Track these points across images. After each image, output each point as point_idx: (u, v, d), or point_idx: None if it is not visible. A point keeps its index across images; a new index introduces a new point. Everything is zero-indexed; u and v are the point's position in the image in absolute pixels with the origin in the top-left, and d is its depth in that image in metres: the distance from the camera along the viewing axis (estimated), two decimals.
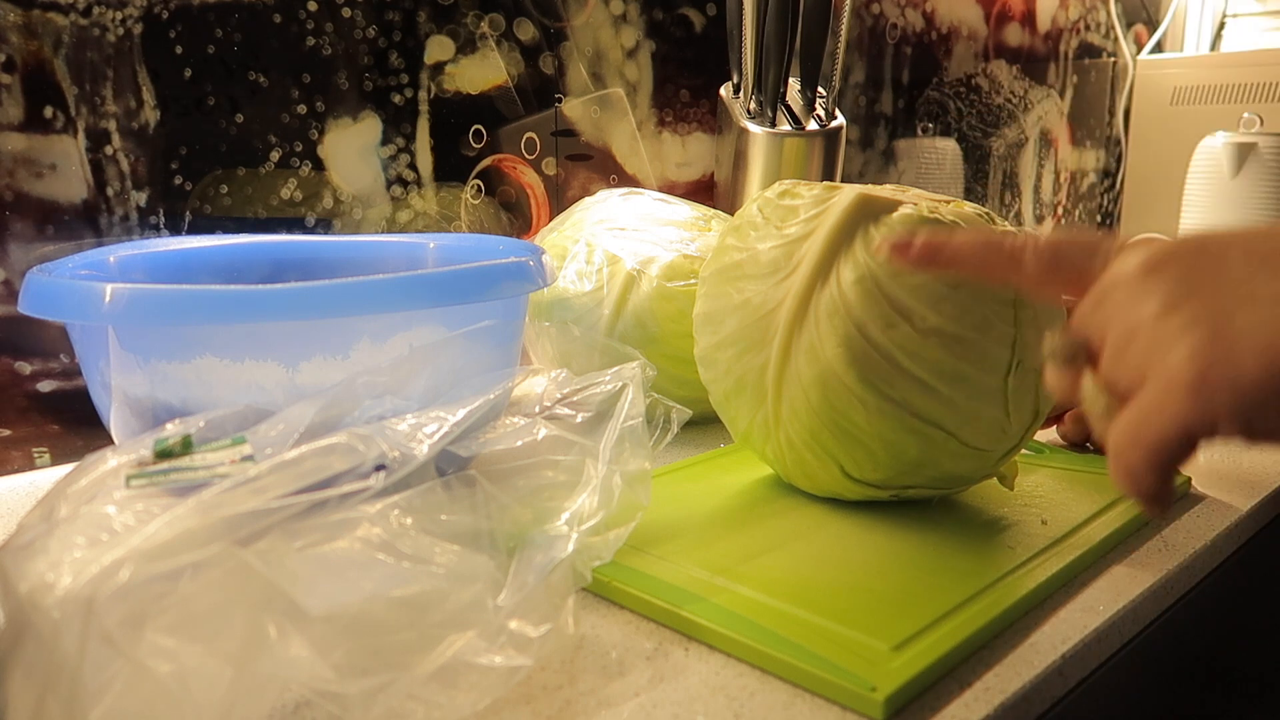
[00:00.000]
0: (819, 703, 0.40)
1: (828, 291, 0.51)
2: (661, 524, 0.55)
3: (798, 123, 1.00)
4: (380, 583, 0.36)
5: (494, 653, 0.37)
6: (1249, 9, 1.78)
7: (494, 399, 0.47)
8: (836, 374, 0.51)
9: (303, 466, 0.37)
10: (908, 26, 1.32)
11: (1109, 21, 1.69)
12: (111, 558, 0.32)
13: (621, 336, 0.72)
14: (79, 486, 0.37)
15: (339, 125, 0.80)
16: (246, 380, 0.50)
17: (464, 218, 0.89)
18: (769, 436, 0.56)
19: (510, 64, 0.90)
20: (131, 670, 0.32)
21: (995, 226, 0.54)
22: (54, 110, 0.66)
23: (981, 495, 0.60)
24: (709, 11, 1.05)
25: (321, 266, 0.70)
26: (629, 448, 0.47)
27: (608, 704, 0.40)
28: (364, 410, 0.45)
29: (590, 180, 0.98)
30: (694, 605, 0.45)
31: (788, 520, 0.56)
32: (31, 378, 0.68)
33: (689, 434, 0.72)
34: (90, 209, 0.69)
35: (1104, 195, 1.78)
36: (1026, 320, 0.52)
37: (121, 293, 0.47)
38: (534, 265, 0.58)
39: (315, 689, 0.34)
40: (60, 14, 0.66)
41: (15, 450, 0.68)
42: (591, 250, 0.75)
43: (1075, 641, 0.45)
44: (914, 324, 0.50)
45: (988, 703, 0.40)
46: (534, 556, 0.41)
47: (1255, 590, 0.69)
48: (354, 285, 0.49)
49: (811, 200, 0.55)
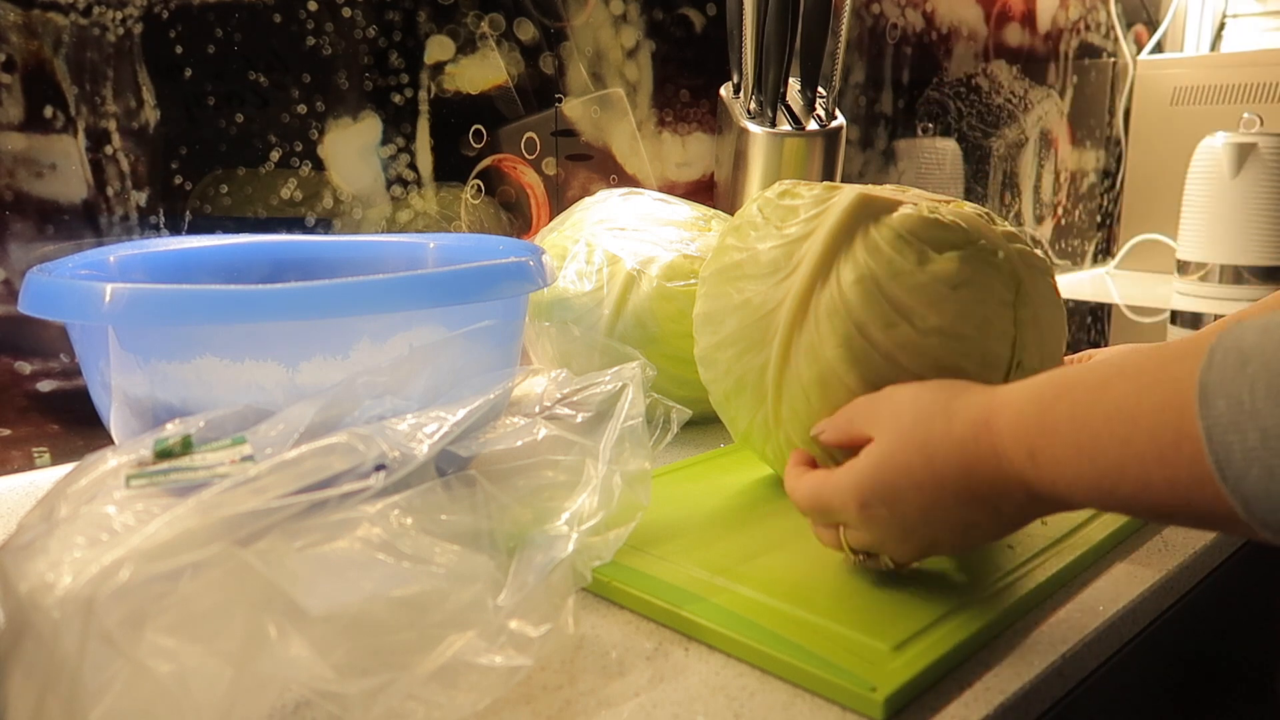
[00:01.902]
0: (819, 703, 0.40)
1: (828, 291, 0.51)
2: (661, 524, 0.55)
3: (798, 123, 1.00)
4: (380, 583, 0.36)
5: (494, 653, 0.37)
6: (1249, 9, 1.78)
7: (494, 399, 0.47)
8: (837, 374, 0.51)
9: (303, 466, 0.37)
10: (908, 26, 1.32)
11: (1109, 21, 1.69)
12: (111, 558, 0.32)
13: (621, 336, 0.72)
14: (79, 486, 0.37)
15: (339, 125, 0.80)
16: (246, 380, 0.50)
17: (464, 218, 0.89)
18: (769, 436, 0.56)
19: (510, 64, 0.90)
20: (131, 670, 0.32)
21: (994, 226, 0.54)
22: (54, 110, 0.66)
23: None
24: (709, 11, 1.05)
25: (321, 266, 0.70)
26: (629, 448, 0.47)
27: (608, 704, 0.40)
28: (364, 410, 0.45)
29: (590, 180, 0.98)
30: (694, 605, 0.45)
31: (788, 520, 0.56)
32: (31, 378, 0.68)
33: (689, 434, 0.72)
34: (90, 209, 0.69)
35: (1104, 195, 1.78)
36: (1026, 320, 0.52)
37: (121, 293, 0.47)
38: (534, 265, 0.58)
39: (315, 689, 0.34)
40: (60, 14, 0.66)
41: (15, 450, 0.68)
42: (591, 250, 0.75)
43: (1075, 641, 0.45)
44: (914, 324, 0.50)
45: (988, 703, 0.40)
46: (534, 556, 0.41)
47: (1255, 590, 0.69)
48: (354, 285, 0.49)
49: (811, 200, 0.55)
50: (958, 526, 0.43)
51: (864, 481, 0.44)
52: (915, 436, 0.43)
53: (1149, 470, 0.34)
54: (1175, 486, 0.34)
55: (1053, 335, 0.54)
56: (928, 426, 0.43)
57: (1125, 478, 0.35)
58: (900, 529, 0.44)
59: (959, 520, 0.43)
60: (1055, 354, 0.55)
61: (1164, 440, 0.33)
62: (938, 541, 0.45)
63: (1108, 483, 0.36)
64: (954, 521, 0.43)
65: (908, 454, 0.43)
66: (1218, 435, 0.31)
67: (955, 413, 0.43)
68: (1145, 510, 0.36)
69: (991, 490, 0.41)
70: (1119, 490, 0.36)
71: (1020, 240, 0.54)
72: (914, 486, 0.43)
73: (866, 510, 0.44)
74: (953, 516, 0.43)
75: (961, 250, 0.51)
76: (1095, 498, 0.37)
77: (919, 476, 0.43)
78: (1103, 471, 0.36)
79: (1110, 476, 0.36)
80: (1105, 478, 0.36)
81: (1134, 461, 0.35)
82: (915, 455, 0.43)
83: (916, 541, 0.45)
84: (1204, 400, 0.32)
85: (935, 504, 0.43)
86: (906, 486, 0.43)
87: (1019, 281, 0.52)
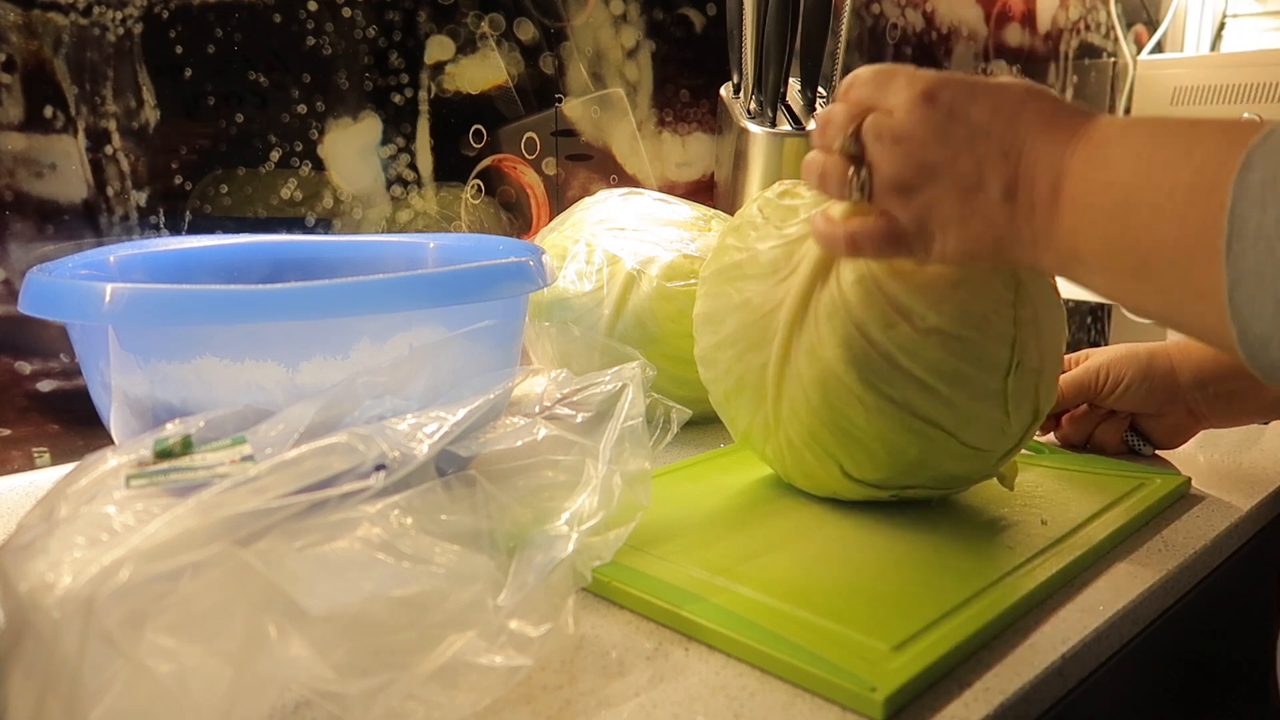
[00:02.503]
0: (819, 703, 0.40)
1: (828, 291, 0.51)
2: (661, 524, 0.55)
3: (798, 123, 1.00)
4: (380, 583, 0.36)
5: (494, 653, 0.37)
6: (1249, 9, 1.78)
7: (494, 399, 0.47)
8: (836, 374, 0.51)
9: (303, 466, 0.37)
10: (908, 26, 1.32)
11: (1109, 21, 1.69)
12: (111, 558, 0.32)
13: (621, 336, 0.72)
14: (79, 486, 0.37)
15: (339, 125, 0.80)
16: (246, 380, 0.50)
17: (464, 218, 0.89)
18: (769, 436, 0.56)
19: (510, 64, 0.90)
20: (131, 670, 0.32)
21: None
22: (54, 110, 0.66)
23: (981, 495, 0.60)
24: (709, 11, 1.05)
25: (321, 266, 0.70)
26: (629, 448, 0.47)
27: (608, 704, 0.40)
28: (364, 410, 0.45)
29: (590, 180, 0.98)
30: (694, 605, 0.45)
31: (788, 520, 0.56)
32: (31, 378, 0.68)
33: (689, 434, 0.72)
34: (90, 209, 0.69)
35: None
36: (1026, 320, 0.52)
37: (121, 293, 0.47)
38: (534, 265, 0.58)
39: (315, 689, 0.34)
40: (60, 14, 0.66)
41: (15, 450, 0.68)
42: (591, 250, 0.75)
43: (1075, 641, 0.45)
44: (914, 324, 0.50)
45: (988, 703, 0.40)
46: (534, 556, 0.41)
47: (1255, 590, 0.69)
48: (354, 285, 0.49)
49: (812, 200, 0.55)
50: (972, 179, 0.42)
51: (937, 74, 0.43)
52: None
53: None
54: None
55: (1053, 335, 0.54)
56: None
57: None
58: (938, 148, 0.42)
59: (982, 171, 0.41)
60: (1055, 354, 0.55)
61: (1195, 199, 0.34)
62: (940, 200, 0.42)
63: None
64: (980, 165, 0.41)
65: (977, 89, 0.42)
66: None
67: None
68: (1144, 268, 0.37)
69: (1029, 174, 0.40)
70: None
71: None
72: (988, 93, 0.42)
73: (928, 101, 0.42)
74: (989, 153, 0.41)
75: None
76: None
77: (993, 99, 0.42)
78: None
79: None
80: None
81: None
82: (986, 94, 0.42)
83: (930, 188, 0.42)
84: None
85: (995, 116, 0.41)
86: (982, 91, 0.42)
87: (1019, 281, 0.52)
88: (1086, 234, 0.39)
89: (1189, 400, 0.67)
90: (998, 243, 0.43)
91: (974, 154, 0.41)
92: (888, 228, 0.44)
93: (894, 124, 0.44)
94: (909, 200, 0.43)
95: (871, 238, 0.44)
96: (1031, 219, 0.40)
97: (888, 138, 0.44)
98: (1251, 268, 0.32)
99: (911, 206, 0.43)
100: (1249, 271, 0.32)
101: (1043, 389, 0.54)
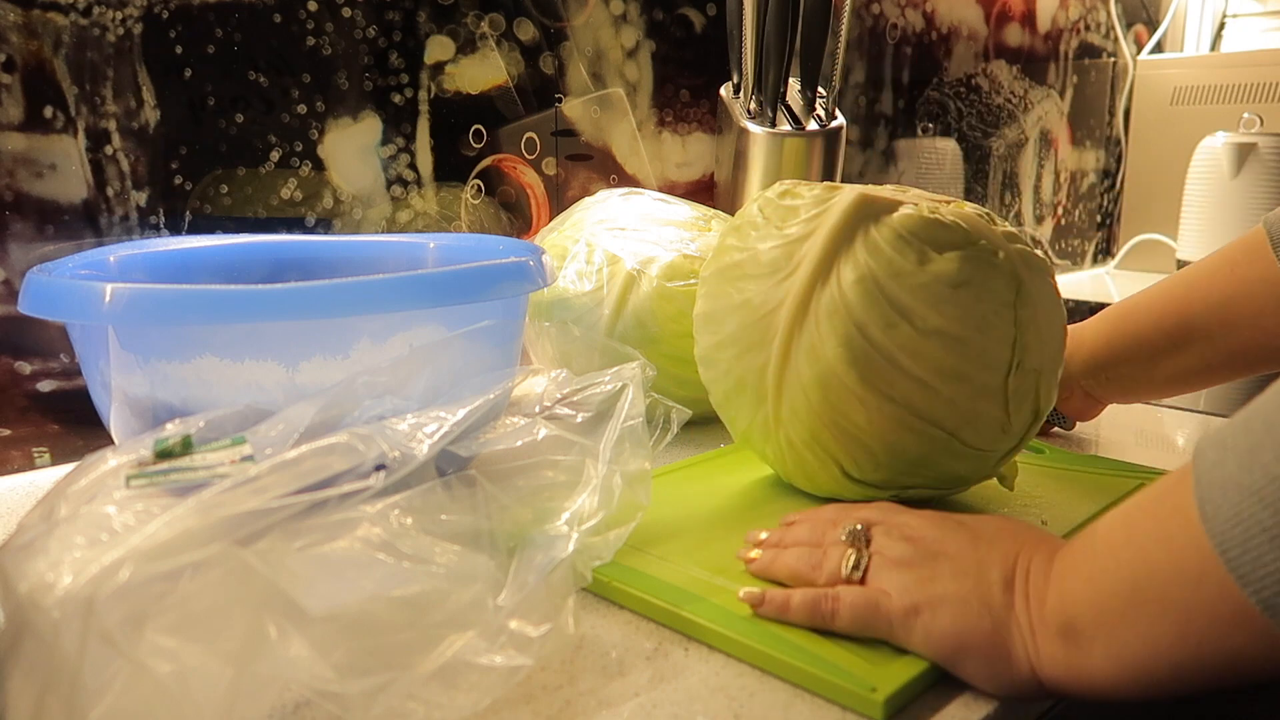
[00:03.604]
0: (819, 703, 0.40)
1: (828, 291, 0.51)
2: (661, 524, 0.55)
3: (798, 123, 1.00)
4: (380, 583, 0.36)
5: (494, 653, 0.37)
6: (1249, 9, 1.78)
7: (494, 399, 0.46)
8: (837, 374, 0.51)
9: (303, 466, 0.37)
10: (908, 26, 1.32)
11: (1109, 21, 1.69)
12: (111, 558, 0.32)
13: (621, 336, 0.72)
14: (79, 486, 0.37)
15: (339, 125, 0.80)
16: (246, 380, 0.50)
17: (464, 218, 0.89)
18: (769, 436, 0.56)
19: (510, 64, 0.90)
20: (131, 670, 0.32)
21: (995, 226, 0.54)
22: (54, 110, 0.66)
23: (981, 495, 0.60)
24: (709, 11, 1.05)
25: (321, 266, 0.70)
26: (629, 448, 0.47)
27: (608, 704, 0.40)
28: (364, 410, 0.45)
29: (590, 180, 0.98)
30: (694, 605, 0.45)
31: None
32: (31, 378, 0.68)
33: (689, 434, 0.72)
34: (90, 209, 0.69)
35: (1104, 195, 1.78)
36: (1026, 320, 0.52)
37: (121, 293, 0.47)
38: (534, 265, 0.58)
39: (315, 689, 0.34)
40: (60, 14, 0.66)
41: (15, 450, 0.68)
42: (591, 250, 0.75)
43: None
44: (914, 324, 0.50)
45: (988, 702, 0.40)
46: (534, 556, 0.41)
47: None
48: (354, 285, 0.49)
49: (812, 200, 0.55)
50: (973, 564, 0.43)
51: (926, 513, 0.47)
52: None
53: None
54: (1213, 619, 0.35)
55: (1053, 335, 0.54)
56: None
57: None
58: (948, 539, 0.44)
59: (983, 560, 0.43)
60: (1055, 354, 0.55)
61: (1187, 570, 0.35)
62: (940, 577, 0.42)
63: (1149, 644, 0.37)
64: (982, 561, 0.43)
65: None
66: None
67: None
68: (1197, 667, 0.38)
69: (1025, 569, 0.41)
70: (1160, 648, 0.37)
71: (1020, 240, 0.54)
72: (969, 535, 0.45)
73: (918, 520, 0.46)
74: (991, 553, 0.43)
75: (962, 250, 0.51)
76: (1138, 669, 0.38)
77: (969, 532, 0.45)
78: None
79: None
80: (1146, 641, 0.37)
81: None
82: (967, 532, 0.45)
83: (932, 565, 0.43)
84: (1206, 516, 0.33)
85: (1000, 531, 0.44)
86: (962, 531, 0.45)
87: (1019, 281, 0.52)
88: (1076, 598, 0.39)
89: (1084, 385, 0.71)
90: (995, 629, 0.41)
91: (977, 552, 0.43)
92: (875, 599, 0.43)
93: (903, 521, 0.47)
94: (905, 573, 0.43)
95: (854, 604, 0.43)
96: (1027, 607, 0.40)
97: (897, 533, 0.46)
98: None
99: (907, 578, 0.43)
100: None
101: (1043, 389, 0.54)
